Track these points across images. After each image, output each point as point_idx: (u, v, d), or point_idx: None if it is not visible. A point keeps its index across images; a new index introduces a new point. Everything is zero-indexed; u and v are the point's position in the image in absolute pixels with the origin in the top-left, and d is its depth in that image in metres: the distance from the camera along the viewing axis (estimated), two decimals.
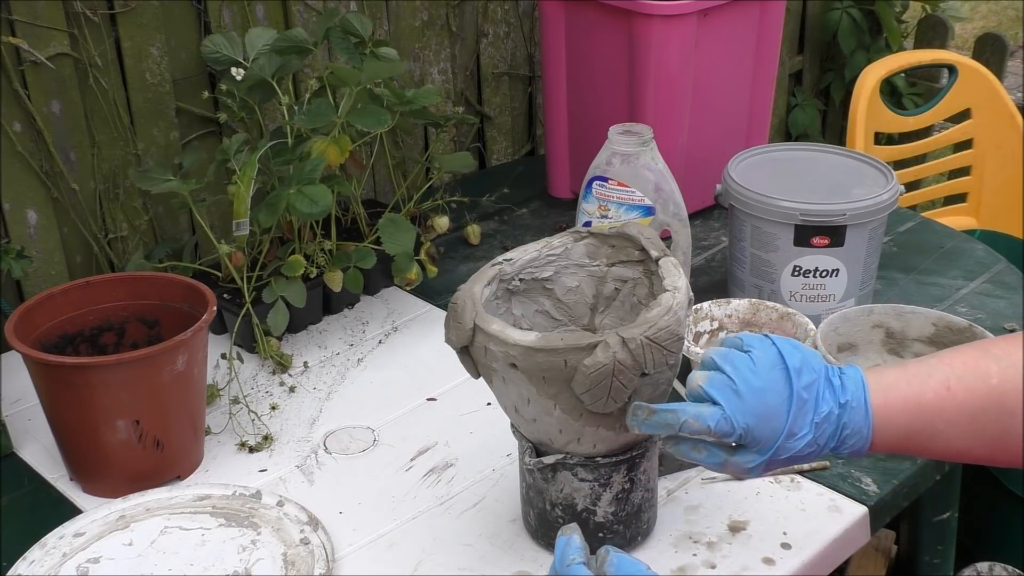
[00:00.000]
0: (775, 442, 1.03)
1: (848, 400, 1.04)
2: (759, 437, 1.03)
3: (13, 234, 1.63)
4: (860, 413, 1.04)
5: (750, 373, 1.04)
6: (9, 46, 1.55)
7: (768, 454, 1.04)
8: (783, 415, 1.03)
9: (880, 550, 1.99)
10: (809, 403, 1.04)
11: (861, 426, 1.04)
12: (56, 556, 1.21)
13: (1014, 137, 2.58)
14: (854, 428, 1.04)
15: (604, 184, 1.59)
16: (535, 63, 2.26)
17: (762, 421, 1.02)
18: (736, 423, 1.02)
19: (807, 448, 1.04)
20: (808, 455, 1.04)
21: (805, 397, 1.03)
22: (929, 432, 1.04)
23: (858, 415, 1.04)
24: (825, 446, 1.04)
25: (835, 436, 1.04)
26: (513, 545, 1.23)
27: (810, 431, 1.03)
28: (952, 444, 1.04)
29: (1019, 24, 5.33)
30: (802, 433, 1.03)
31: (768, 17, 1.90)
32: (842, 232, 1.56)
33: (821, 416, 1.03)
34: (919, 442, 1.05)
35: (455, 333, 1.12)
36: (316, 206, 1.47)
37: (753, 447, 1.04)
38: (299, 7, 1.85)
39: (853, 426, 1.04)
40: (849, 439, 1.04)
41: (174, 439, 1.33)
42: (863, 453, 1.06)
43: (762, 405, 1.03)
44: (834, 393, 1.04)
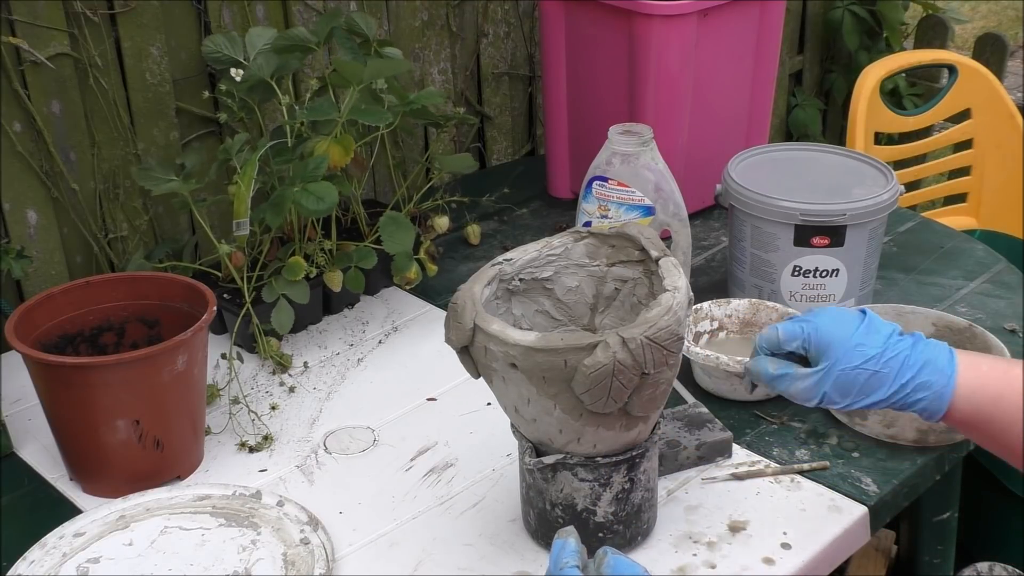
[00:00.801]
0: (843, 345, 1.02)
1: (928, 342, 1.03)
2: (825, 338, 1.04)
3: (13, 234, 1.63)
4: (943, 353, 1.02)
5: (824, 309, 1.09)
6: (9, 46, 1.55)
7: (833, 359, 1.03)
8: (853, 324, 1.04)
9: (880, 550, 1.99)
10: (881, 328, 1.04)
11: (944, 364, 1.01)
12: (56, 556, 1.21)
13: (1014, 137, 2.58)
14: (935, 364, 1.01)
15: (604, 184, 1.59)
16: (535, 63, 2.26)
17: (832, 323, 1.05)
18: (804, 325, 1.07)
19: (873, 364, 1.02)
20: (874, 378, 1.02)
21: (878, 324, 1.04)
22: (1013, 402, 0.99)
23: (940, 354, 1.02)
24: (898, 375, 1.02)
25: (909, 365, 1.01)
26: (513, 545, 1.23)
27: (880, 348, 1.02)
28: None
29: (1019, 24, 5.33)
30: (872, 347, 1.02)
31: (768, 17, 1.90)
32: (842, 232, 1.56)
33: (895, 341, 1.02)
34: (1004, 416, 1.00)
35: (455, 333, 1.12)
36: (322, 203, 1.47)
37: (820, 355, 1.05)
38: (299, 7, 1.85)
39: (934, 362, 1.01)
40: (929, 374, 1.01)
41: (174, 439, 1.33)
42: (943, 403, 1.01)
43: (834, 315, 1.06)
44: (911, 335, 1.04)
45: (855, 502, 1.28)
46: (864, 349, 1.03)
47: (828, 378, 1.04)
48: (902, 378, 1.02)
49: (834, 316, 1.07)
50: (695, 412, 1.39)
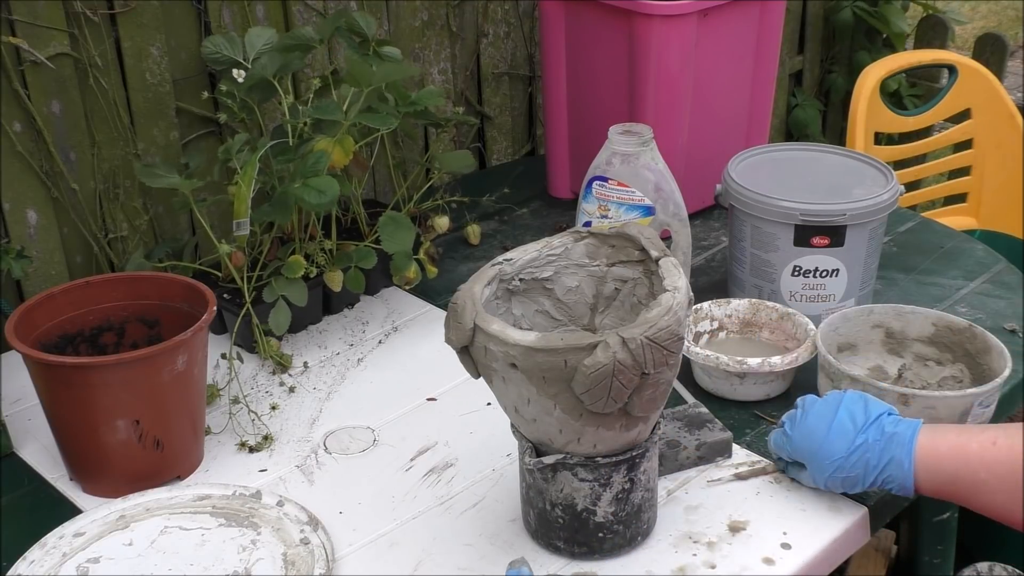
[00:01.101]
0: (813, 460, 1.23)
1: (895, 433, 1.18)
2: (800, 454, 1.25)
3: (13, 234, 1.63)
4: (903, 448, 1.18)
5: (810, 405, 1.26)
6: (9, 46, 1.55)
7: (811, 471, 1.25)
8: (819, 436, 1.22)
9: (880, 550, 1.99)
10: (848, 431, 1.20)
11: (902, 458, 1.17)
12: (56, 556, 1.21)
13: (1014, 137, 2.58)
14: (896, 460, 1.17)
15: (604, 184, 1.59)
16: (535, 63, 2.26)
17: (802, 439, 1.24)
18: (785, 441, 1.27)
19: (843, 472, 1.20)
20: (854, 477, 1.20)
21: (844, 427, 1.20)
22: (972, 480, 1.14)
23: (901, 449, 1.17)
24: (868, 474, 1.19)
25: (878, 465, 1.18)
26: (513, 545, 1.23)
27: (844, 452, 1.19)
28: (995, 500, 1.13)
29: (1019, 24, 5.33)
30: (836, 452, 1.20)
31: (768, 17, 1.90)
32: (842, 232, 1.56)
33: (858, 443, 1.19)
34: (963, 490, 1.16)
35: (455, 333, 1.12)
36: (324, 196, 1.47)
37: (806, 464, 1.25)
38: (299, 7, 1.85)
39: (896, 458, 1.17)
40: (892, 470, 1.18)
41: (174, 439, 1.33)
42: (909, 491, 1.19)
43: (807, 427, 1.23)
44: (881, 429, 1.19)
45: (855, 502, 1.28)
46: (831, 460, 1.21)
47: (816, 482, 1.25)
48: (869, 478, 1.20)
49: (807, 430, 1.23)
50: (695, 412, 1.39)
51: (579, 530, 1.18)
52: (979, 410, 1.36)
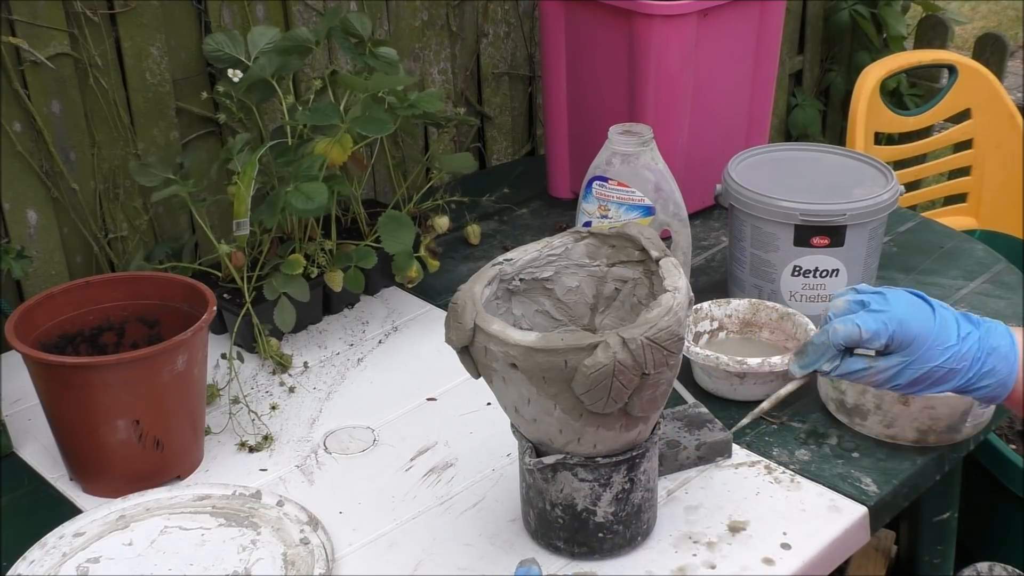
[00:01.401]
0: (926, 342, 1.04)
1: (991, 325, 1.05)
2: (909, 334, 1.04)
3: (13, 234, 1.63)
4: (1006, 339, 1.05)
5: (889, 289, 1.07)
6: (9, 46, 1.55)
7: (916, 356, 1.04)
8: (930, 316, 1.05)
9: (880, 550, 1.99)
10: (950, 318, 1.05)
11: (1008, 351, 1.04)
12: (56, 556, 1.21)
13: (1014, 137, 2.58)
14: (1001, 352, 1.04)
15: (604, 184, 1.59)
16: (535, 63, 2.26)
17: (912, 315, 1.04)
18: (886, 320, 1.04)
19: (954, 361, 1.04)
20: (952, 372, 1.04)
21: (946, 311, 1.05)
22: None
23: (1004, 340, 1.05)
24: (972, 367, 1.04)
25: (981, 356, 1.04)
26: (513, 545, 1.23)
27: (957, 341, 1.03)
28: None
29: (1019, 24, 5.33)
30: (950, 342, 1.03)
31: (768, 17, 1.90)
32: (842, 232, 1.56)
33: (965, 331, 1.04)
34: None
35: (455, 333, 1.12)
36: (312, 202, 1.47)
37: (901, 349, 1.05)
38: (299, 7, 1.85)
39: (1000, 350, 1.04)
40: (997, 363, 1.04)
41: (174, 439, 1.33)
42: (1007, 388, 1.05)
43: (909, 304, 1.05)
44: (971, 320, 1.06)
45: (855, 502, 1.28)
46: (945, 346, 1.05)
47: (908, 370, 1.06)
48: (972, 371, 1.05)
49: (910, 307, 1.06)
50: (695, 412, 1.39)
51: (579, 530, 1.18)
52: (979, 410, 1.36)
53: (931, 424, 1.35)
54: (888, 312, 1.05)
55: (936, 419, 1.34)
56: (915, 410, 1.34)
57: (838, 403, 1.41)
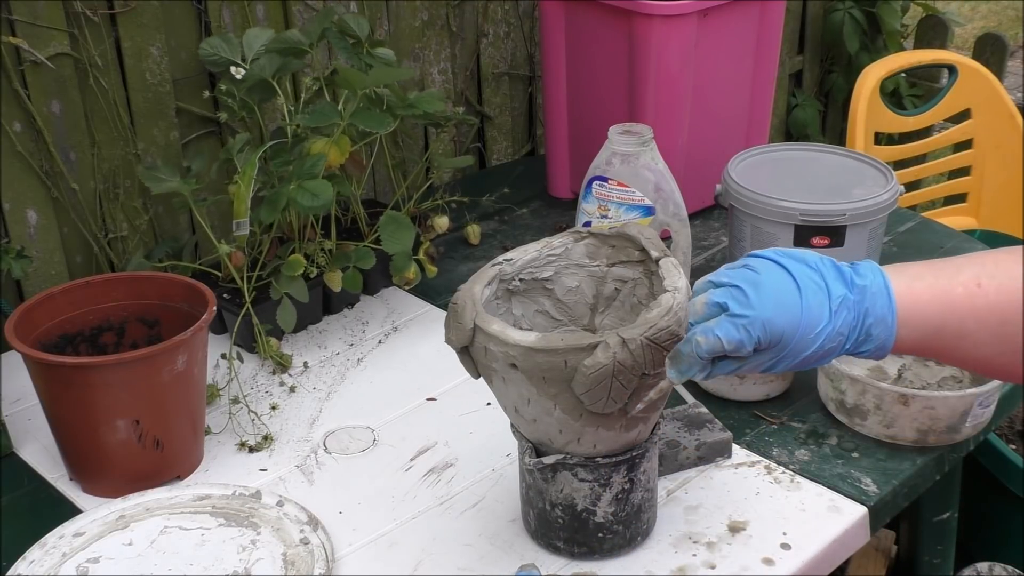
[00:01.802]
0: (795, 334, 0.95)
1: (866, 285, 0.97)
2: (776, 332, 0.95)
3: (13, 234, 1.63)
4: (882, 298, 0.97)
5: (750, 273, 0.97)
6: (9, 46, 1.55)
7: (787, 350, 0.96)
8: (797, 304, 0.95)
9: (880, 550, 1.99)
10: (820, 291, 0.96)
11: (885, 313, 0.96)
12: (56, 556, 1.21)
13: (1014, 137, 2.58)
14: (877, 316, 0.96)
15: (604, 184, 1.59)
16: (535, 63, 2.26)
17: (778, 311, 0.95)
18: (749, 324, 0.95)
19: (829, 341, 0.96)
20: (830, 351, 0.97)
21: (815, 285, 0.96)
22: (957, 330, 0.96)
23: (880, 300, 0.97)
24: (848, 338, 0.97)
25: (858, 326, 0.96)
26: (513, 545, 1.23)
27: (829, 320, 0.95)
28: (980, 349, 0.96)
29: (1019, 24, 5.33)
30: (821, 324, 0.95)
31: (768, 17, 1.90)
32: (842, 232, 1.56)
33: (837, 302, 0.96)
34: (946, 340, 0.97)
35: (455, 333, 1.12)
36: (318, 199, 1.47)
37: (770, 347, 0.96)
38: (299, 7, 1.85)
39: (876, 313, 0.96)
40: (874, 328, 0.96)
41: (174, 439, 1.33)
42: (887, 349, 0.98)
43: (774, 295, 0.95)
44: (844, 279, 0.97)
45: (855, 502, 1.28)
46: (816, 331, 0.96)
47: (781, 363, 0.98)
48: (849, 342, 0.97)
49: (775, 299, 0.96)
50: (695, 412, 1.39)
51: (579, 530, 1.18)
52: (979, 410, 1.36)
53: (931, 424, 1.35)
54: (750, 316, 0.96)
55: (936, 419, 1.34)
56: (915, 410, 1.34)
57: (838, 403, 1.41)
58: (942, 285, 0.97)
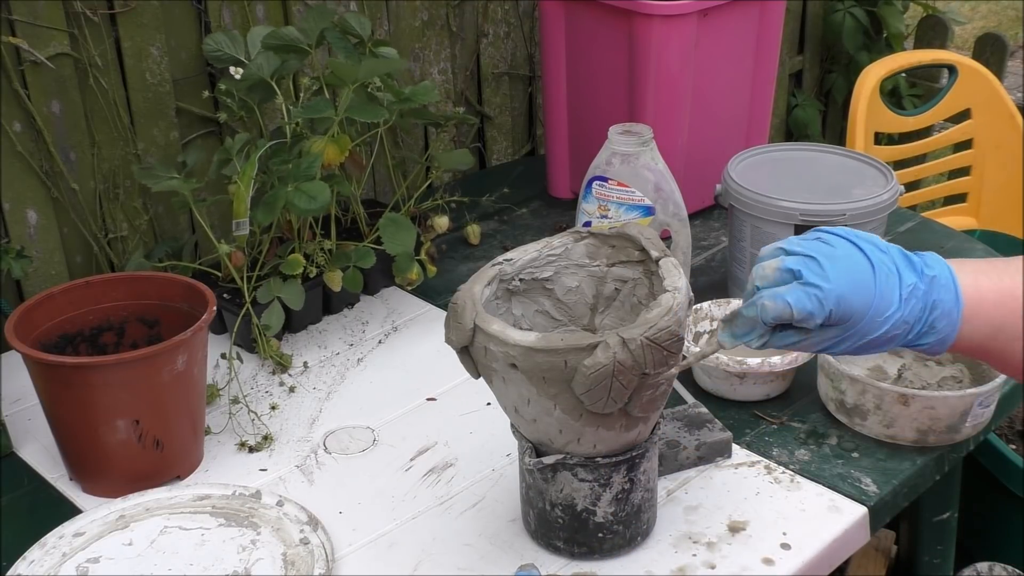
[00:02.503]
0: (866, 315, 0.93)
1: (935, 275, 0.95)
2: (848, 310, 0.93)
3: (13, 234, 1.63)
4: (949, 292, 0.95)
5: (825, 246, 0.94)
6: (9, 46, 1.55)
7: (854, 330, 0.94)
8: (871, 283, 0.93)
9: (880, 550, 1.99)
10: (892, 275, 0.94)
11: (951, 307, 0.95)
12: (56, 556, 1.21)
13: (1014, 137, 2.58)
14: (944, 308, 0.94)
15: (604, 184, 1.59)
16: (535, 63, 2.26)
17: (853, 289, 0.93)
18: (823, 296, 0.93)
19: (895, 328, 0.94)
20: (893, 338, 0.95)
21: (887, 268, 0.95)
22: (1014, 332, 0.94)
23: (947, 294, 0.95)
24: (913, 328, 0.95)
25: (923, 317, 0.94)
26: (513, 545, 1.23)
27: (899, 307, 0.94)
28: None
29: (1019, 24, 5.33)
30: (892, 308, 0.94)
31: (768, 17, 1.90)
32: None
33: (908, 289, 0.94)
34: (1002, 343, 0.95)
35: (455, 333, 1.12)
36: (314, 202, 1.47)
37: (841, 324, 0.94)
38: (299, 7, 1.85)
39: (943, 305, 0.95)
40: (939, 321, 0.94)
41: (174, 439, 1.33)
42: (948, 344, 0.96)
43: (849, 272, 0.93)
44: (914, 268, 0.96)
45: (855, 502, 1.28)
46: (886, 315, 0.94)
47: (845, 343, 0.96)
48: (913, 332, 0.95)
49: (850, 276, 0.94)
50: (695, 412, 1.39)
51: (579, 530, 1.18)
52: (979, 410, 1.36)
53: (931, 424, 1.35)
54: (824, 288, 0.93)
55: (936, 419, 1.34)
56: (915, 410, 1.34)
57: (838, 403, 1.41)
58: (1007, 285, 0.96)
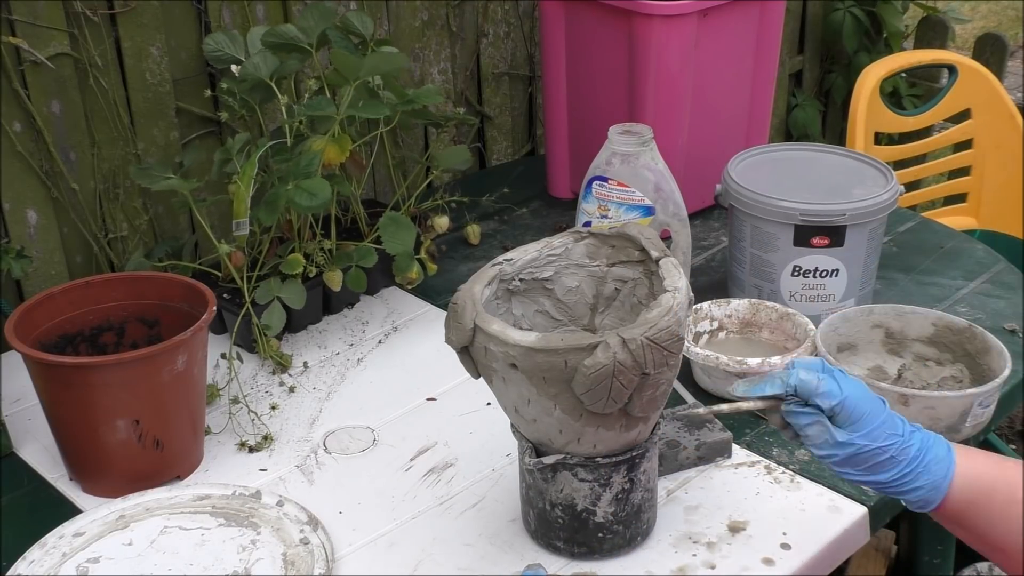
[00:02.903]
0: (874, 422, 1.06)
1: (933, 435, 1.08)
2: (859, 410, 1.06)
3: (13, 234, 1.63)
4: (941, 443, 1.07)
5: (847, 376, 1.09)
6: (9, 46, 1.55)
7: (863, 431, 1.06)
8: (881, 407, 1.07)
9: (880, 550, 2.00)
10: (897, 417, 1.08)
11: (944, 455, 1.06)
12: (56, 556, 1.21)
13: (1014, 137, 2.58)
14: (937, 454, 1.06)
15: (604, 184, 1.59)
16: (535, 63, 2.26)
17: (865, 399, 1.06)
18: (844, 386, 1.06)
19: (894, 450, 1.06)
20: (890, 461, 1.06)
21: (893, 412, 1.08)
22: (1009, 496, 1.04)
23: (939, 444, 1.07)
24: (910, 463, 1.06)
25: (919, 457, 1.06)
26: (513, 545, 1.23)
27: (902, 434, 1.06)
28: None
29: (1019, 24, 5.33)
30: (897, 432, 1.06)
31: (768, 17, 1.90)
32: (842, 232, 1.56)
33: (911, 430, 1.07)
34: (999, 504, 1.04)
35: (455, 333, 1.12)
36: (315, 199, 1.47)
37: (849, 424, 1.06)
38: (299, 7, 1.85)
39: (936, 452, 1.06)
40: (933, 464, 1.06)
41: (174, 439, 1.33)
42: (940, 493, 1.06)
43: (864, 390, 1.07)
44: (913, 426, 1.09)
45: (855, 502, 1.28)
46: (892, 433, 1.06)
47: (853, 445, 1.06)
48: (911, 466, 1.06)
49: (865, 392, 1.08)
50: (695, 412, 1.39)
51: (579, 530, 1.18)
52: (979, 410, 1.36)
53: (931, 424, 1.35)
54: (845, 383, 1.08)
55: (936, 419, 1.34)
56: (915, 410, 1.34)
57: None
58: (994, 459, 1.07)
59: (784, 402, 1.10)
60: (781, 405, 1.10)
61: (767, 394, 1.10)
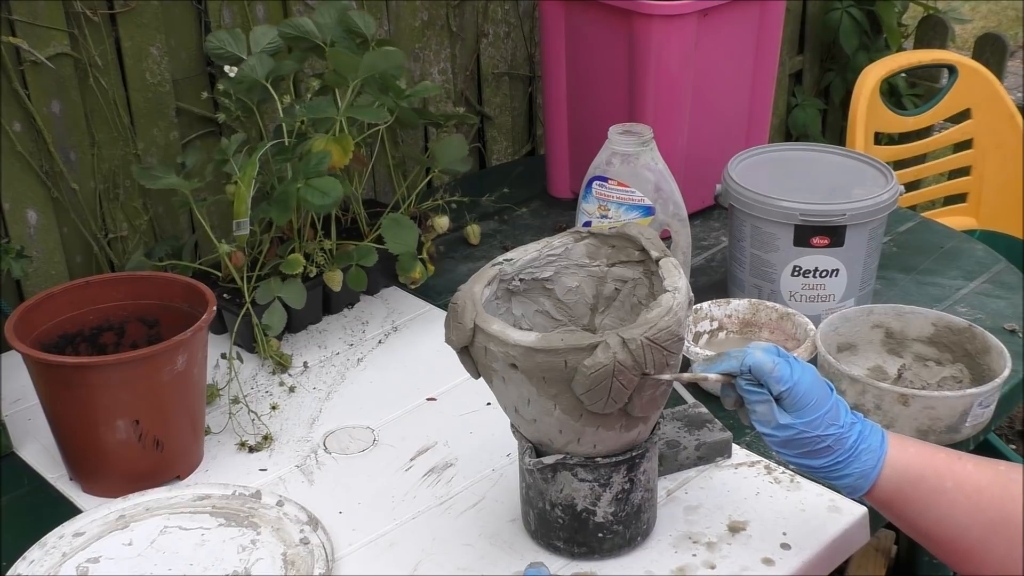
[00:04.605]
0: (818, 411, 1.09)
1: (872, 426, 1.12)
2: (807, 398, 1.09)
3: (13, 234, 1.63)
4: (876, 433, 1.11)
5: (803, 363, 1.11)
6: (9, 46, 1.55)
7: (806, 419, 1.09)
8: (828, 396, 1.10)
9: (880, 550, 2.00)
10: (843, 405, 1.11)
11: (876, 446, 1.10)
12: (56, 556, 1.21)
13: (1014, 137, 2.58)
14: (871, 444, 1.10)
15: (604, 184, 1.59)
16: (535, 63, 2.26)
17: (812, 386, 1.09)
18: (796, 373, 1.09)
19: (832, 440, 1.09)
20: (826, 450, 1.09)
21: (839, 400, 1.11)
22: (936, 485, 1.08)
23: (875, 433, 1.11)
24: (844, 452, 1.09)
25: (854, 447, 1.09)
26: (513, 545, 1.23)
27: (842, 425, 1.09)
28: (954, 512, 1.07)
29: (1019, 24, 5.33)
30: (838, 422, 1.09)
31: (768, 17, 1.90)
32: (842, 232, 1.56)
33: (851, 421, 1.10)
34: (924, 493, 1.08)
35: (455, 333, 1.12)
36: (327, 197, 1.47)
37: (795, 410, 1.09)
38: (299, 7, 1.85)
39: (870, 441, 1.10)
40: (864, 454, 1.09)
41: (174, 439, 1.33)
42: (869, 481, 1.10)
43: (815, 379, 1.10)
44: (855, 415, 1.12)
45: (855, 502, 1.28)
46: (832, 423, 1.10)
47: (793, 429, 1.09)
48: (844, 456, 1.10)
49: (816, 381, 1.11)
50: (695, 412, 1.39)
51: (579, 530, 1.18)
52: (979, 410, 1.36)
53: (931, 424, 1.35)
54: (798, 369, 1.10)
55: (936, 419, 1.34)
56: (915, 410, 1.34)
57: None
58: (928, 449, 1.11)
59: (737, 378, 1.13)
60: (734, 381, 1.13)
61: (723, 370, 1.12)
